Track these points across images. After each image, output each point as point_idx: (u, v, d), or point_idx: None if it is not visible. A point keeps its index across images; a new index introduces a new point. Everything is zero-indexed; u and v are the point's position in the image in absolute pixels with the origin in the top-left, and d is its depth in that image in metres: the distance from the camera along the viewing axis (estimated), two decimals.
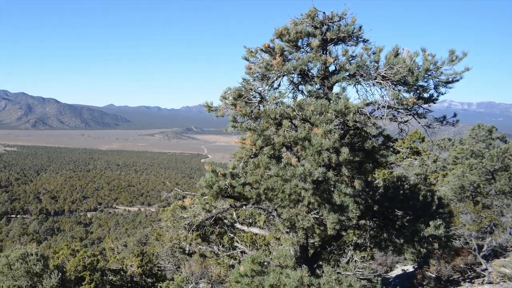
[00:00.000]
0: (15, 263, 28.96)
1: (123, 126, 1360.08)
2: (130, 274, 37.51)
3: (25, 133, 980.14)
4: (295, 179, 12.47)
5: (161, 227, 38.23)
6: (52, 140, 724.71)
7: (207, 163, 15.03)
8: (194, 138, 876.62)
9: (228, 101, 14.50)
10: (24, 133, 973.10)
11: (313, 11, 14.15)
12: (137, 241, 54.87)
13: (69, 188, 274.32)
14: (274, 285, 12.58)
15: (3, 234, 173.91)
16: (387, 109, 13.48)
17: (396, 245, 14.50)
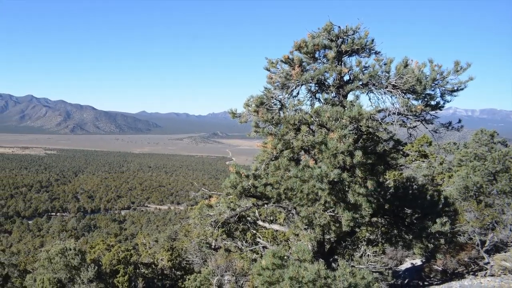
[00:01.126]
0: (55, 257, 29.09)
1: (154, 131, 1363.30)
2: (160, 267, 37.58)
3: (64, 137, 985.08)
4: (313, 180, 12.50)
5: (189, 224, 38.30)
6: (89, 144, 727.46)
7: (231, 165, 15.07)
8: (219, 142, 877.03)
9: (251, 108, 14.54)
10: (63, 137, 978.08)
11: (329, 25, 14.18)
12: (167, 237, 54.93)
13: (104, 188, 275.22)
14: (293, 278, 12.58)
15: (44, 231, 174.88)
16: (397, 116, 13.47)
17: (405, 240, 14.48)
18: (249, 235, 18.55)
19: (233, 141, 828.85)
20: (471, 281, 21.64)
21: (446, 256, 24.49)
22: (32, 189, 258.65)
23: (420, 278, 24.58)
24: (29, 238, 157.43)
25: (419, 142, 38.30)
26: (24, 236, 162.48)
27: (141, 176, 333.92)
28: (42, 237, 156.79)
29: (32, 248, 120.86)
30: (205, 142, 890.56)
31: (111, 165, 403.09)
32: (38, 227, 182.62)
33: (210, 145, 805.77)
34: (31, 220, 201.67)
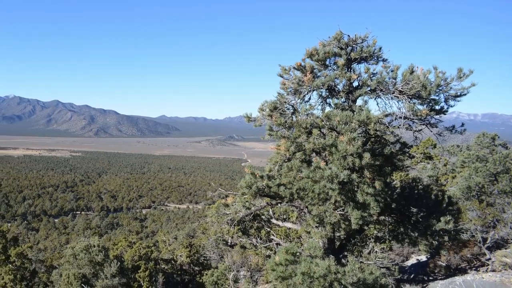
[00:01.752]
0: (80, 253, 29.23)
1: (174, 134, 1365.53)
2: (179, 263, 37.67)
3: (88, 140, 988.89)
4: (324, 181, 12.56)
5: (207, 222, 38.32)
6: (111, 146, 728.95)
7: (247, 167, 15.15)
8: (235, 145, 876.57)
9: (265, 113, 14.60)
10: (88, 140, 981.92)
11: (339, 34, 14.23)
12: (186, 234, 55.02)
13: (126, 188, 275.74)
14: (305, 273, 12.63)
15: (69, 228, 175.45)
16: (404, 120, 13.51)
17: (411, 237, 14.50)
18: (264, 232, 18.61)
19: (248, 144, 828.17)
20: (474, 276, 21.62)
21: (449, 253, 24.53)
22: (58, 189, 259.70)
23: (425, 273, 24.58)
24: (55, 235, 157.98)
25: (424, 145, 38.28)
26: (51, 234, 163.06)
27: (161, 177, 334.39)
28: (67, 235, 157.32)
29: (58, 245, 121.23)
30: (221, 144, 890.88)
31: (133, 167, 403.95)
32: (63, 225, 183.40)
33: (227, 148, 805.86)
34: (57, 218, 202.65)
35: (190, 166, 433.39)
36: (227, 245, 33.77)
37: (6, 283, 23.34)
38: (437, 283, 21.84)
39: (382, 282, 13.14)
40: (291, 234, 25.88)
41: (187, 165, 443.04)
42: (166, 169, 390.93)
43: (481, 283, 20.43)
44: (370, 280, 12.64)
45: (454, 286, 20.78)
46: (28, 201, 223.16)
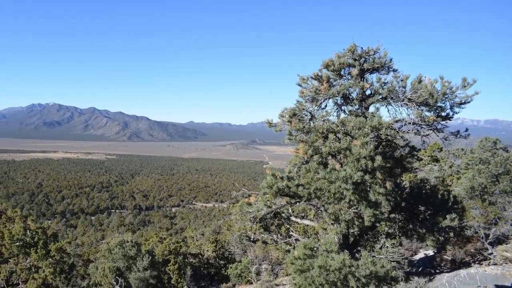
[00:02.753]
0: (115, 248, 29.44)
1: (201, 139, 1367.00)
2: (206, 257, 37.78)
3: (122, 144, 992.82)
4: (339, 181, 12.63)
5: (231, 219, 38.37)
6: (143, 150, 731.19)
7: (268, 168, 15.23)
8: (257, 148, 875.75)
9: (285, 119, 14.66)
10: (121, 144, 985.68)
11: (353, 46, 14.29)
12: (212, 231, 55.08)
13: (157, 188, 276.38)
14: (322, 266, 12.70)
15: (104, 225, 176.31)
16: (412, 125, 13.56)
17: (419, 234, 14.50)
18: (283, 229, 18.64)
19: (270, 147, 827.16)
20: (477, 269, 21.63)
21: (454, 248, 24.62)
22: (95, 189, 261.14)
23: (432, 267, 24.59)
24: (91, 232, 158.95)
25: (431, 148, 38.24)
26: (88, 230, 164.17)
27: (189, 178, 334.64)
28: (103, 231, 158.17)
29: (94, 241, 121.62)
30: (245, 148, 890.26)
31: (163, 168, 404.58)
32: (99, 222, 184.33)
33: (249, 151, 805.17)
34: (93, 216, 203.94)
35: (216, 168, 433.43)
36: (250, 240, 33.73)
37: (47, 275, 23.50)
38: (443, 276, 21.83)
39: (392, 275, 13.17)
40: (309, 230, 25.90)
41: (213, 167, 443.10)
42: (193, 171, 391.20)
43: (484, 275, 20.41)
44: (382, 272, 12.68)
45: (459, 279, 20.77)
46: (67, 200, 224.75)
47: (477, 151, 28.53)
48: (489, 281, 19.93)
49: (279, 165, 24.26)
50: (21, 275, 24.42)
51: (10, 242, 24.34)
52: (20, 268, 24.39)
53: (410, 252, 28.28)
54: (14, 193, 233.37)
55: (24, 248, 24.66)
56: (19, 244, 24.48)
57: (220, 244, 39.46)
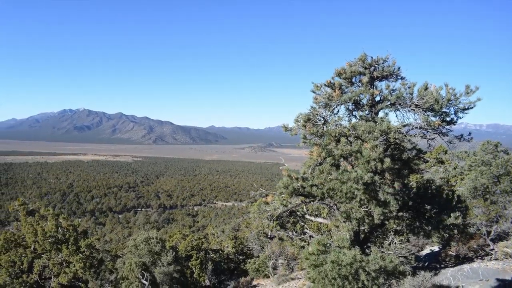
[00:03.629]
0: (140, 244, 29.60)
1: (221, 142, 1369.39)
2: (226, 253, 37.93)
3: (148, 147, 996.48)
4: (350, 182, 12.70)
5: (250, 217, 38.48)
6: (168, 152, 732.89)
7: (284, 170, 15.30)
8: (274, 151, 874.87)
9: (300, 123, 14.73)
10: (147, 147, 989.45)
11: (363, 56, 14.36)
12: (231, 228, 55.24)
13: (180, 188, 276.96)
14: (334, 261, 12.78)
15: (131, 223, 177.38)
16: (419, 129, 13.59)
17: (425, 231, 14.51)
18: (298, 226, 18.69)
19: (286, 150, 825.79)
20: (479, 264, 21.67)
21: (458, 244, 24.73)
22: (122, 189, 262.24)
23: (438, 262, 24.61)
24: (119, 229, 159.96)
25: (436, 151, 38.19)
26: (115, 227, 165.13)
27: (211, 179, 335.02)
28: (129, 228, 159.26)
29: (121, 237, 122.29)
30: (262, 151, 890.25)
31: (186, 170, 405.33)
32: (126, 220, 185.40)
33: (267, 153, 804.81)
34: (121, 214, 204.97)
35: (235, 169, 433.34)
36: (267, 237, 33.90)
37: (77, 270, 23.68)
38: (447, 270, 21.87)
39: (400, 269, 13.22)
40: (322, 228, 25.94)
41: (233, 168, 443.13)
42: (214, 172, 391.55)
43: (486, 270, 20.43)
44: (390, 267, 12.73)
45: (462, 273, 20.79)
46: (96, 200, 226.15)
47: (480, 154, 28.55)
48: (491, 275, 19.97)
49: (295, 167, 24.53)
50: (53, 269, 24.62)
51: (43, 238, 24.57)
52: (52, 263, 24.59)
53: (417, 248, 28.30)
54: (46, 193, 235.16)
55: (56, 244, 24.87)
56: (51, 241, 24.70)
57: (239, 240, 39.59)
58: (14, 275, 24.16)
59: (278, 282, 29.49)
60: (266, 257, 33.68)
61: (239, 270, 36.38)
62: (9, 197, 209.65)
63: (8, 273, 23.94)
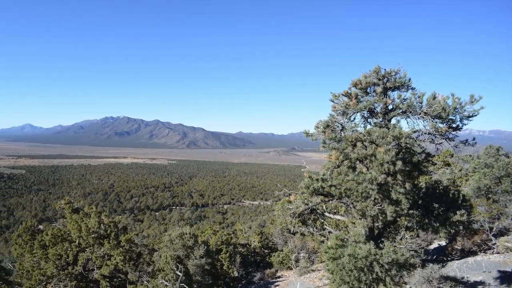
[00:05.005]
0: (175, 239, 29.86)
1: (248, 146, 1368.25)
2: (253, 247, 38.03)
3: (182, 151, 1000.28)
4: (365, 182, 12.81)
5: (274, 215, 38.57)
6: (200, 156, 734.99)
7: (306, 172, 15.45)
8: (296, 155, 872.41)
9: (320, 129, 14.83)
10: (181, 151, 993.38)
11: (377, 68, 14.44)
12: (258, 225, 55.40)
13: (211, 189, 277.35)
14: (351, 254, 12.90)
15: (166, 220, 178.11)
16: (428, 135, 13.67)
17: (434, 227, 14.52)
18: (318, 223, 18.74)
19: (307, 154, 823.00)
20: (482, 257, 21.64)
21: (463, 239, 24.72)
22: (158, 189, 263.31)
23: (445, 255, 24.56)
24: (156, 225, 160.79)
25: (444, 155, 38.11)
26: (152, 224, 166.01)
27: (239, 180, 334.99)
28: (165, 225, 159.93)
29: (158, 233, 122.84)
30: (286, 154, 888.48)
31: (216, 172, 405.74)
32: (162, 217, 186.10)
33: (290, 157, 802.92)
34: (157, 212, 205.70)
35: (261, 171, 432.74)
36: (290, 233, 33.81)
37: (118, 262, 23.91)
38: (454, 263, 21.84)
39: (411, 262, 13.28)
40: (340, 224, 25.98)
41: (259, 170, 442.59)
42: (242, 174, 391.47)
43: (488, 262, 20.39)
44: (402, 260, 12.81)
45: (467, 265, 20.77)
46: (135, 199, 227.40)
47: (483, 157, 28.54)
48: (493, 267, 19.97)
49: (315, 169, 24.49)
50: (96, 262, 24.90)
51: (87, 234, 24.89)
52: (95, 256, 24.88)
53: (426, 242, 28.26)
54: (90, 193, 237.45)
55: (99, 239, 25.18)
56: (94, 236, 25.01)
57: (264, 236, 39.70)
58: (61, 267, 24.50)
59: (300, 273, 29.54)
60: (289, 251, 33.76)
61: (265, 262, 36.45)
62: (56, 197, 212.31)
63: (55, 265, 24.29)
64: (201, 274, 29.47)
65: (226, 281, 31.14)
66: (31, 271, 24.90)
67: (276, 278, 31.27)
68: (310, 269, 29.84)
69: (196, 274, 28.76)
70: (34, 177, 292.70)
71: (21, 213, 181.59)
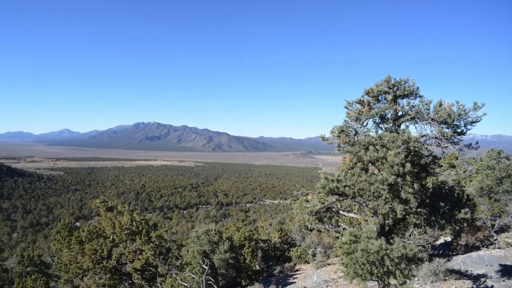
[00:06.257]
0: (201, 235, 30.05)
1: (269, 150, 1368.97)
2: (273, 242, 38.11)
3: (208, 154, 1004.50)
4: (377, 183, 12.87)
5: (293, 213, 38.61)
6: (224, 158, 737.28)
7: (322, 173, 15.54)
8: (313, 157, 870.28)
9: (335, 134, 14.90)
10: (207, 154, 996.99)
11: (388, 77, 14.49)
12: (278, 222, 55.35)
13: (235, 189, 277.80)
14: (363, 249, 12.98)
15: (193, 217, 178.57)
16: (434, 139, 13.67)
17: (440, 224, 14.49)
18: (334, 220, 18.82)
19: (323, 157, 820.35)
20: (485, 252, 21.60)
21: (467, 235, 24.68)
22: (186, 189, 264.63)
23: (450, 250, 24.52)
24: (183, 222, 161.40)
25: (449, 157, 37.96)
26: (180, 221, 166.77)
27: (260, 180, 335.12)
28: (192, 222, 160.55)
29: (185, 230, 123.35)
30: (303, 157, 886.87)
31: (240, 173, 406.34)
32: (189, 215, 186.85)
33: (307, 159, 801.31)
34: (185, 210, 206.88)
35: (281, 172, 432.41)
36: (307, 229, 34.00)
37: (149, 256, 24.14)
38: (458, 257, 21.80)
39: (419, 256, 13.30)
40: (353, 221, 25.94)
41: (279, 172, 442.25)
42: (263, 175, 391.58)
43: (490, 256, 20.32)
44: (411, 254, 12.84)
45: (471, 259, 20.73)
46: (164, 198, 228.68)
47: (485, 160, 28.48)
48: (494, 261, 19.94)
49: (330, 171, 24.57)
50: (128, 256, 25.17)
51: (120, 230, 25.18)
52: (128, 251, 25.16)
53: (432, 238, 28.20)
54: (123, 192, 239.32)
55: (131, 235, 25.45)
56: (127, 232, 25.29)
57: (284, 232, 39.75)
58: (96, 261, 24.81)
59: (316, 267, 29.57)
60: (306, 246, 33.79)
61: (284, 257, 36.48)
62: (92, 196, 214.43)
63: (91, 259, 24.62)
64: (226, 268, 29.65)
65: (248, 274, 31.24)
66: (68, 264, 25.26)
67: (294, 271, 31.33)
68: (326, 263, 29.85)
69: (220, 267, 28.95)
70: (71, 178, 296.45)
71: (59, 211, 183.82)
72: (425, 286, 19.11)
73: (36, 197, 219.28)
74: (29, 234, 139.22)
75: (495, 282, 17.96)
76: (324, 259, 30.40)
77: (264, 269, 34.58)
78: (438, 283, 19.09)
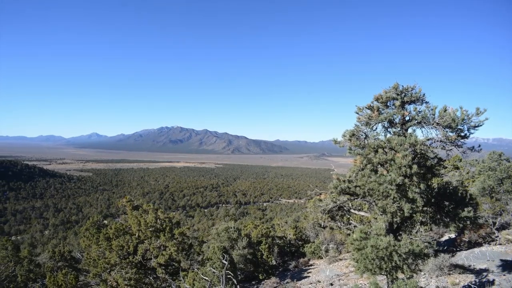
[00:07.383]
0: (221, 232, 30.17)
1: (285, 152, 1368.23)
2: (289, 239, 38.09)
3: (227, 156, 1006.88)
4: (386, 183, 12.91)
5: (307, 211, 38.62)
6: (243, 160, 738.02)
7: (334, 174, 15.62)
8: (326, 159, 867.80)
9: (346, 138, 14.96)
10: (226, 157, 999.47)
11: (396, 85, 14.52)
12: (293, 220, 55.30)
13: (253, 189, 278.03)
14: (373, 246, 13.01)
15: (214, 216, 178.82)
16: (439, 142, 13.67)
17: (445, 222, 14.47)
18: (345, 218, 18.80)
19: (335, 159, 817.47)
20: (487, 248, 21.52)
21: (470, 232, 24.59)
22: (207, 189, 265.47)
23: (454, 246, 24.41)
24: (205, 220, 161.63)
25: (453, 159, 37.78)
26: (202, 219, 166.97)
27: (276, 181, 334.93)
28: (213, 220, 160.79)
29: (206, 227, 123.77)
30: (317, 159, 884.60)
31: (257, 174, 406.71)
32: (210, 213, 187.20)
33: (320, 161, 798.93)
34: (206, 209, 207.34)
35: (296, 173, 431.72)
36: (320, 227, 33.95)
37: (172, 252, 24.26)
38: (462, 253, 21.74)
39: (425, 252, 13.30)
40: (363, 219, 25.94)
41: (294, 173, 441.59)
42: (279, 176, 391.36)
43: (492, 252, 20.26)
44: (417, 250, 12.85)
45: (474, 255, 20.68)
46: (187, 197, 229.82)
47: (487, 161, 28.41)
48: (496, 257, 19.90)
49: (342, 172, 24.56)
50: (153, 252, 25.31)
51: (145, 228, 25.38)
52: (152, 247, 25.31)
53: (437, 235, 28.10)
54: (148, 192, 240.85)
55: (155, 232, 25.63)
56: (151, 229, 25.48)
57: (299, 229, 39.75)
58: (123, 257, 25.03)
59: (329, 262, 29.57)
60: (320, 242, 33.75)
61: (299, 252, 36.44)
62: (119, 196, 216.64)
63: (118, 255, 24.83)
64: (244, 263, 29.71)
65: (265, 268, 31.25)
66: (97, 260, 25.52)
67: (308, 266, 31.29)
68: (338, 258, 29.84)
69: (239, 262, 29.03)
70: (99, 179, 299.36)
71: (88, 210, 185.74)
72: (431, 280, 19.08)
73: (66, 196, 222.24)
74: (60, 231, 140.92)
75: (496, 276, 17.91)
76: (336, 255, 30.39)
77: (280, 264, 34.58)
78: (443, 277, 19.06)
